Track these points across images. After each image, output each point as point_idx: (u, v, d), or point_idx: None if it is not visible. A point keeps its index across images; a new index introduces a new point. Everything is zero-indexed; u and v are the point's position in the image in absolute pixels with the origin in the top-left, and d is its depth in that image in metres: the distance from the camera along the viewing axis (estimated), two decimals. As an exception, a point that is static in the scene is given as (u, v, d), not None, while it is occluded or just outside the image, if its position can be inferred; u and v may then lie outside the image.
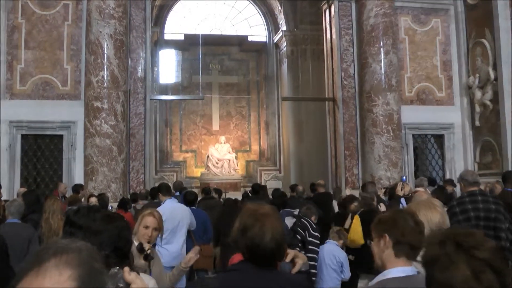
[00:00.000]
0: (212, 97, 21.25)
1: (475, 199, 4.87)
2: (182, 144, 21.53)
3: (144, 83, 12.39)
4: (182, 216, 6.50)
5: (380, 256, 2.29)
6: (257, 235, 2.17)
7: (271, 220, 2.23)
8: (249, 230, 2.19)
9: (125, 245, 2.74)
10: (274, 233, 2.18)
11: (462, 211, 4.83)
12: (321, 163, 15.02)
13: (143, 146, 12.24)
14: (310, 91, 17.23)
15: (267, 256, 2.18)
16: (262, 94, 22.26)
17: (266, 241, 2.16)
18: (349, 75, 13.49)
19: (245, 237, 2.18)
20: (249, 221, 2.21)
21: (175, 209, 6.52)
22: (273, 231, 2.19)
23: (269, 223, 2.20)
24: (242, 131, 22.06)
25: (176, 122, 21.57)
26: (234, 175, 19.82)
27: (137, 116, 12.24)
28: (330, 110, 14.18)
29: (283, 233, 2.25)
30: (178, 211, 6.51)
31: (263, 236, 2.16)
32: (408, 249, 2.23)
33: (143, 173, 12.11)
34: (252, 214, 2.25)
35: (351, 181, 13.12)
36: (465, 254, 1.46)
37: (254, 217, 2.22)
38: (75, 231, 3.19)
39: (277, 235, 2.19)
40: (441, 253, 1.49)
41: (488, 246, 1.49)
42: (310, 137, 17.64)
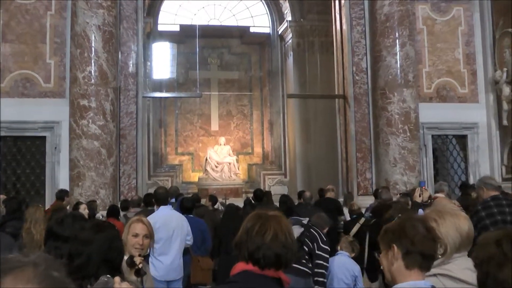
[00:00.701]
0: (210, 94, 21.25)
1: (501, 203, 5.14)
2: (178, 146, 21.51)
3: (135, 79, 12.37)
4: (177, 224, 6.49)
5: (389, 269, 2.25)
6: (257, 234, 2.17)
7: (276, 219, 2.23)
8: (250, 231, 2.20)
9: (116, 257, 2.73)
10: (278, 233, 2.18)
11: (488, 215, 5.06)
12: (330, 166, 14.98)
13: (135, 148, 12.21)
14: (318, 88, 17.21)
15: (270, 259, 2.16)
16: (265, 91, 22.24)
17: (267, 240, 2.15)
18: (361, 70, 13.45)
19: (248, 240, 2.19)
20: (251, 222, 2.23)
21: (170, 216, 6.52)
22: (276, 230, 2.18)
23: (273, 222, 2.20)
24: (244, 132, 22.04)
25: (171, 122, 21.56)
26: (235, 180, 19.80)
27: (128, 116, 12.22)
28: (340, 108, 14.14)
29: (291, 237, 2.23)
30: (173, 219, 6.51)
31: (263, 233, 2.16)
32: (420, 259, 2.19)
33: (135, 178, 12.08)
34: (255, 215, 2.27)
35: (363, 186, 13.08)
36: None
37: (257, 217, 2.24)
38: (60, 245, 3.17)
39: (282, 236, 2.18)
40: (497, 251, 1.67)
41: None
42: (318, 138, 17.61)
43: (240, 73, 22.24)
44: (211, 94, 21.34)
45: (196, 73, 18.09)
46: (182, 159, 21.44)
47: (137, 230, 3.81)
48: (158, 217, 6.36)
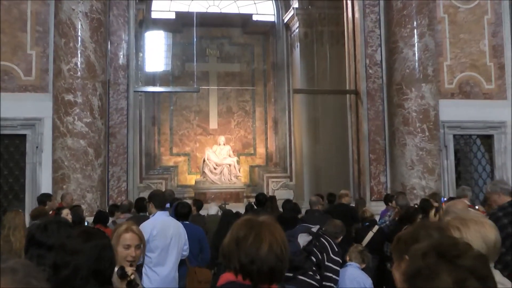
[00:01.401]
0: (209, 89, 21.24)
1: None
2: (173, 146, 21.51)
3: (126, 72, 12.37)
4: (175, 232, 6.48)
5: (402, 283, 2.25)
6: (251, 246, 2.16)
7: (270, 229, 2.23)
8: (242, 241, 2.19)
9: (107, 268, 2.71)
10: (273, 245, 2.18)
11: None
12: (340, 169, 14.96)
13: (126, 148, 12.22)
14: (327, 82, 17.19)
15: (263, 273, 2.16)
16: (269, 86, 22.23)
17: (262, 254, 2.15)
18: (375, 63, 13.43)
19: (238, 250, 2.18)
20: (243, 231, 2.22)
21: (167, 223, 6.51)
22: (271, 242, 2.18)
23: (267, 233, 2.20)
24: (246, 131, 22.04)
25: (165, 119, 21.56)
26: (235, 183, 19.79)
27: (118, 112, 12.22)
28: (352, 105, 14.14)
29: (285, 247, 2.24)
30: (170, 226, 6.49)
31: (259, 247, 2.16)
32: None
33: (125, 181, 12.10)
34: (246, 222, 2.26)
35: (377, 191, 13.07)
36: (448, 263, 1.66)
37: (249, 226, 2.23)
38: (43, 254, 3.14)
39: (277, 248, 2.19)
40: (422, 265, 1.68)
41: (471, 254, 1.71)
42: (327, 138, 17.59)
43: (241, 66, 22.23)
44: (210, 88, 21.32)
45: (193, 65, 18.07)
46: (177, 160, 21.43)
47: (128, 241, 3.79)
48: (156, 224, 6.35)
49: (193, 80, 17.63)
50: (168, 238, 6.37)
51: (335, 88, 16.17)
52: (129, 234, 3.82)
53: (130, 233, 3.84)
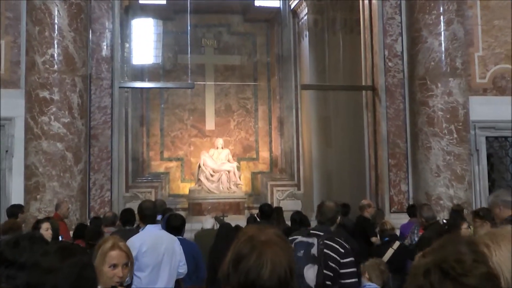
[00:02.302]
0: (205, 84, 21.24)
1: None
2: (164, 150, 21.50)
3: (110, 65, 12.39)
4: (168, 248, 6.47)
5: None
6: (252, 268, 2.17)
7: (275, 249, 2.23)
8: (242, 260, 2.20)
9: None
10: (276, 267, 2.18)
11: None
12: (355, 176, 14.97)
13: (110, 152, 12.24)
14: (340, 77, 17.19)
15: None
16: (274, 81, 22.21)
17: (264, 276, 2.16)
18: (395, 54, 13.43)
19: (238, 270, 2.20)
20: (244, 249, 2.23)
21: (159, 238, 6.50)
22: (275, 263, 2.18)
23: (271, 253, 2.20)
24: (247, 132, 22.03)
25: (155, 119, 21.56)
26: (235, 193, 19.74)
27: (101, 111, 12.23)
28: (368, 102, 14.15)
29: (291, 269, 2.24)
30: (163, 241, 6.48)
31: (260, 269, 2.16)
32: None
33: (109, 189, 12.10)
34: (249, 240, 2.26)
35: (397, 201, 13.05)
36: (452, 282, 1.72)
37: (251, 244, 2.24)
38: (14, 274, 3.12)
39: (281, 270, 2.19)
40: (425, 283, 1.74)
41: (478, 272, 1.76)
42: (340, 141, 17.56)
43: (242, 58, 22.23)
44: (206, 84, 21.32)
45: (187, 57, 17.99)
46: (169, 166, 21.42)
47: (114, 259, 3.81)
48: (146, 238, 6.33)
49: (187, 74, 17.58)
50: (160, 254, 6.35)
51: (349, 83, 16.16)
52: (116, 252, 3.84)
53: (117, 250, 3.85)
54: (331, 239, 5.50)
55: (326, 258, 5.42)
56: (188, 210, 18.87)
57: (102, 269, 3.74)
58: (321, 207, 5.92)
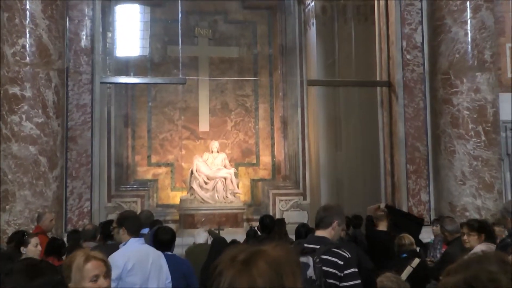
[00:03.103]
0: (199, 80, 21.24)
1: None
2: (152, 154, 21.50)
3: (91, 57, 12.42)
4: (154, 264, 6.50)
5: None
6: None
7: (269, 274, 2.15)
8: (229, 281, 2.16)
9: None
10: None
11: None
12: (369, 184, 15.01)
13: (90, 156, 12.28)
14: (352, 71, 17.23)
15: None
16: (277, 76, 22.22)
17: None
18: (415, 46, 13.47)
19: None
20: (232, 274, 2.18)
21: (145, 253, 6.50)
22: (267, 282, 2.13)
23: (265, 278, 2.13)
24: (246, 134, 22.03)
25: (142, 119, 21.56)
26: (233, 203, 19.72)
27: (80, 110, 12.24)
28: (384, 100, 14.20)
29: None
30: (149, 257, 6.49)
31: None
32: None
33: (89, 199, 12.11)
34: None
35: (417, 212, 13.03)
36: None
37: (240, 269, 2.18)
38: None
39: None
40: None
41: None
42: (352, 144, 17.58)
43: (240, 50, 22.24)
44: (200, 79, 21.32)
45: (178, 49, 17.99)
46: (157, 173, 21.42)
47: (93, 270, 3.85)
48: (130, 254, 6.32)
49: (178, 68, 17.57)
50: (147, 272, 6.39)
51: (362, 78, 16.25)
52: (92, 263, 3.87)
53: (93, 261, 3.88)
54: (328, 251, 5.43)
55: (325, 277, 5.37)
56: (179, 222, 18.86)
57: (84, 286, 3.79)
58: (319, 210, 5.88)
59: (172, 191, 21.25)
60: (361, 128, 16.45)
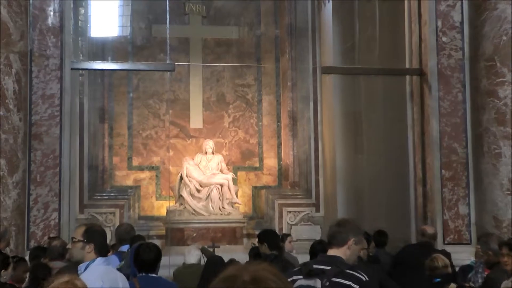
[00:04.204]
0: (190, 66, 21.27)
1: None
2: (133, 155, 21.52)
3: (59, 38, 12.41)
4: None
5: None
6: None
7: None
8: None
9: None
10: None
11: None
12: (395, 193, 15.01)
13: (58, 158, 12.26)
14: (375, 57, 17.23)
15: None
16: (284, 62, 22.20)
17: None
18: (452, 26, 13.47)
19: None
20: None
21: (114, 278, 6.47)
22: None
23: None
24: (247, 132, 22.05)
25: (121, 113, 21.58)
26: (230, 215, 19.70)
27: (47, 102, 12.24)
28: (414, 92, 14.22)
29: None
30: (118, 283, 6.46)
31: None
32: None
33: (57, 209, 12.09)
34: (231, 279, 2.30)
35: (454, 228, 13.05)
36: None
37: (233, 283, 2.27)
38: None
39: None
40: None
41: None
42: (375, 145, 17.55)
43: (240, 31, 22.27)
44: (191, 66, 21.33)
45: (165, 29, 18.03)
46: (139, 178, 21.45)
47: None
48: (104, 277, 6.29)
49: (165, 52, 17.60)
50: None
51: (388, 66, 16.21)
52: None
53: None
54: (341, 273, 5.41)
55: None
56: (166, 238, 18.86)
57: None
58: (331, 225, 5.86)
59: (157, 200, 21.25)
60: (386, 126, 16.41)
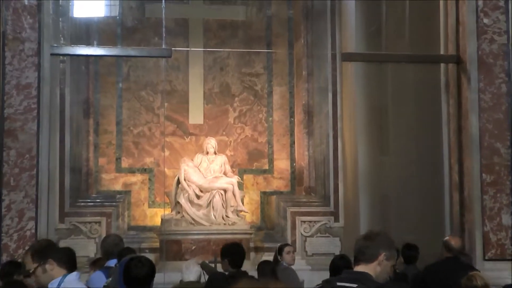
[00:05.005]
0: (188, 51, 21.29)
1: None
2: (123, 156, 21.55)
3: (37, 18, 12.40)
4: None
5: None
6: None
7: None
8: None
9: None
10: None
11: None
12: (427, 201, 14.99)
13: (35, 158, 12.27)
14: (405, 42, 17.24)
15: None
16: (299, 48, 22.23)
17: None
18: (495, 6, 13.48)
19: None
20: None
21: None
22: None
23: None
24: (255, 129, 22.07)
25: (109, 106, 21.62)
26: (236, 225, 19.69)
27: (22, 93, 12.27)
28: (450, 83, 14.23)
29: None
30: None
31: None
32: None
33: (34, 218, 12.09)
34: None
35: (496, 242, 13.01)
36: None
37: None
38: None
39: None
40: None
41: None
42: (404, 144, 17.55)
43: (248, 11, 22.29)
44: (190, 51, 21.35)
45: (160, 8, 18.08)
46: (130, 181, 21.48)
47: None
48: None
49: (160, 35, 17.62)
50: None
51: (419, 52, 16.18)
52: None
53: None
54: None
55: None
56: (160, 251, 18.89)
57: None
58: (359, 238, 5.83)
59: (150, 207, 21.28)
60: (417, 122, 16.41)
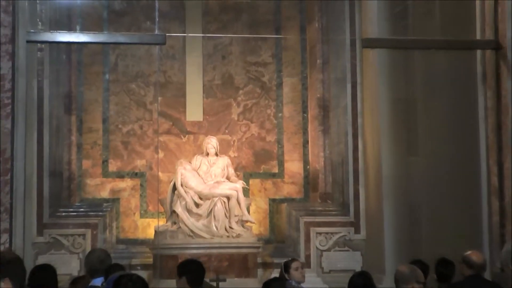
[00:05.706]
0: (186, 38, 21.28)
1: None
2: (110, 158, 21.54)
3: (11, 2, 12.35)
4: None
5: None
6: None
7: None
8: None
9: None
10: None
11: None
12: (463, 209, 14.96)
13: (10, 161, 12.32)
14: (435, 26, 17.18)
15: None
16: (312, 33, 22.26)
17: None
18: (538, -14, 13.44)
19: None
20: None
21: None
22: None
23: None
24: (262, 126, 22.06)
25: (94, 101, 21.63)
26: (241, 237, 19.64)
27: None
28: (487, 72, 14.28)
29: None
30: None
31: None
32: None
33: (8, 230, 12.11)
34: None
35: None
36: None
37: None
38: None
39: None
40: None
41: None
42: (435, 144, 17.49)
43: (254, -8, 22.25)
44: (187, 37, 21.35)
45: (152, -11, 18.11)
46: (118, 188, 21.49)
47: None
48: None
49: (153, 20, 17.61)
50: None
51: (452, 37, 16.13)
52: None
53: None
54: None
55: None
56: (154, 268, 18.83)
57: None
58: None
59: (142, 217, 21.28)
60: (450, 118, 16.36)
